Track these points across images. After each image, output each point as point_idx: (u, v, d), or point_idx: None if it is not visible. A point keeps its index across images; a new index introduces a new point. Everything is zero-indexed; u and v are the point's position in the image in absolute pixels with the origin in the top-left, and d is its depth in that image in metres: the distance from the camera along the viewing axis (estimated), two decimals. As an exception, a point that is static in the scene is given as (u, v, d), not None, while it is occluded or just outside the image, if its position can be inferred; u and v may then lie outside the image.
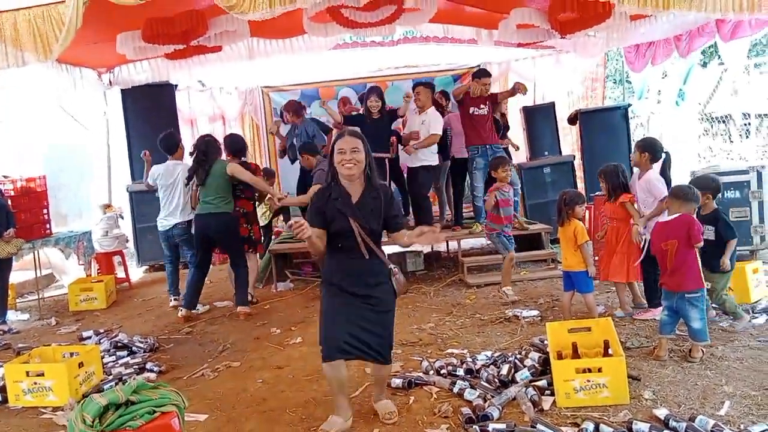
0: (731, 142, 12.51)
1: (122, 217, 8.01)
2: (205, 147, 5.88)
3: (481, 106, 6.75)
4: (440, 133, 6.93)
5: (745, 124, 12.13)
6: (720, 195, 6.02)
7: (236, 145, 6.27)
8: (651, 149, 4.77)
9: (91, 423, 2.31)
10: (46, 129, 8.76)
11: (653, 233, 4.08)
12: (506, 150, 7.84)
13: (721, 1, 4.98)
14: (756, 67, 10.10)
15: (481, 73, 6.91)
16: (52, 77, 7.05)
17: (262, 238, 7.01)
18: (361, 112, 7.23)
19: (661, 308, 4.69)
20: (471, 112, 6.78)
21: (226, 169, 5.78)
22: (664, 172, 4.77)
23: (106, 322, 6.18)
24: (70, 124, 8.97)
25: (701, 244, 3.88)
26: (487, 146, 6.79)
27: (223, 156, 6.08)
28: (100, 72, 8.04)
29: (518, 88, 6.85)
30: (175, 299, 6.44)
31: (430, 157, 7.01)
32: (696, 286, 3.86)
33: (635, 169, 5.07)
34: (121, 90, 8.33)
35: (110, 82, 8.21)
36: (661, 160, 4.80)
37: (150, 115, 8.28)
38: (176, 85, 8.71)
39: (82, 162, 9.43)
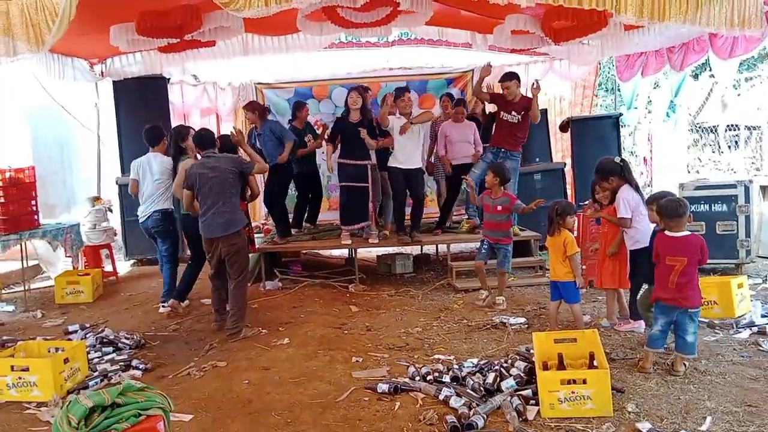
0: (720, 152, 12.65)
1: (111, 210, 7.96)
2: (174, 140, 5.83)
3: (513, 113, 6.67)
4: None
5: (734, 135, 12.27)
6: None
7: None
8: (611, 172, 4.80)
9: (77, 425, 2.30)
10: (36, 119, 8.67)
11: (657, 244, 4.07)
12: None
13: (714, 16, 5.08)
14: (747, 81, 10.22)
15: (503, 77, 6.82)
16: (43, 67, 6.98)
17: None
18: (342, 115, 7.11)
19: (641, 321, 4.76)
20: (501, 116, 6.81)
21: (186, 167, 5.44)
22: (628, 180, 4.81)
23: (92, 316, 6.14)
24: (60, 114, 8.88)
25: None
26: (502, 149, 6.78)
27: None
28: (92, 63, 7.97)
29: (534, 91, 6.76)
30: (163, 306, 6.06)
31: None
32: (700, 302, 3.92)
33: None
34: (113, 82, 8.27)
35: (102, 73, 8.14)
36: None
37: (141, 107, 8.22)
38: (169, 79, 8.66)
39: (72, 153, 9.36)
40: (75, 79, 7.57)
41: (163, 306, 6.04)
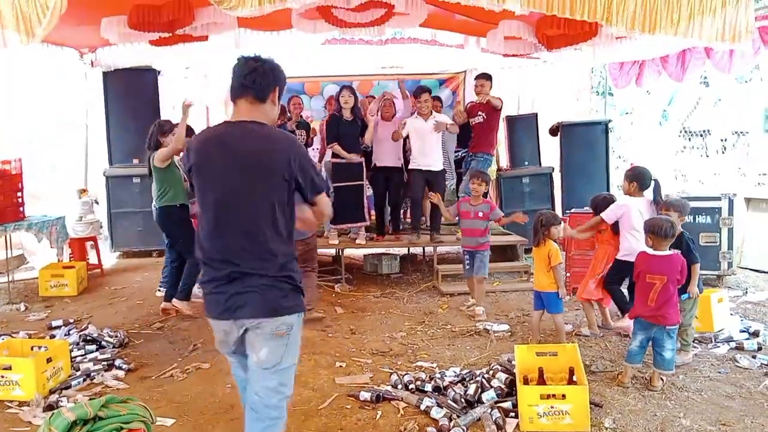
0: (708, 157, 12.74)
1: (97, 203, 7.91)
2: (149, 136, 5.72)
3: (479, 113, 6.96)
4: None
5: (722, 140, 12.36)
6: (691, 219, 6.19)
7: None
8: (639, 179, 4.90)
9: (59, 438, 2.32)
10: (25, 110, 8.57)
11: (638, 262, 4.11)
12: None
13: (705, 30, 5.12)
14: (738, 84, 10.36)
15: (480, 75, 7.14)
16: (32, 56, 6.92)
17: None
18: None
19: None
20: (470, 122, 7.05)
21: (153, 161, 5.57)
22: (655, 199, 4.83)
23: (76, 310, 6.11)
24: (49, 105, 8.78)
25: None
26: (479, 154, 6.99)
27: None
28: (82, 52, 7.90)
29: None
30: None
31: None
32: (678, 320, 3.98)
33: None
34: (103, 72, 8.21)
35: (92, 63, 8.07)
36: (651, 188, 4.89)
37: (131, 99, 8.21)
38: (159, 71, 8.59)
39: (59, 144, 9.26)
40: (64, 68, 7.52)
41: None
